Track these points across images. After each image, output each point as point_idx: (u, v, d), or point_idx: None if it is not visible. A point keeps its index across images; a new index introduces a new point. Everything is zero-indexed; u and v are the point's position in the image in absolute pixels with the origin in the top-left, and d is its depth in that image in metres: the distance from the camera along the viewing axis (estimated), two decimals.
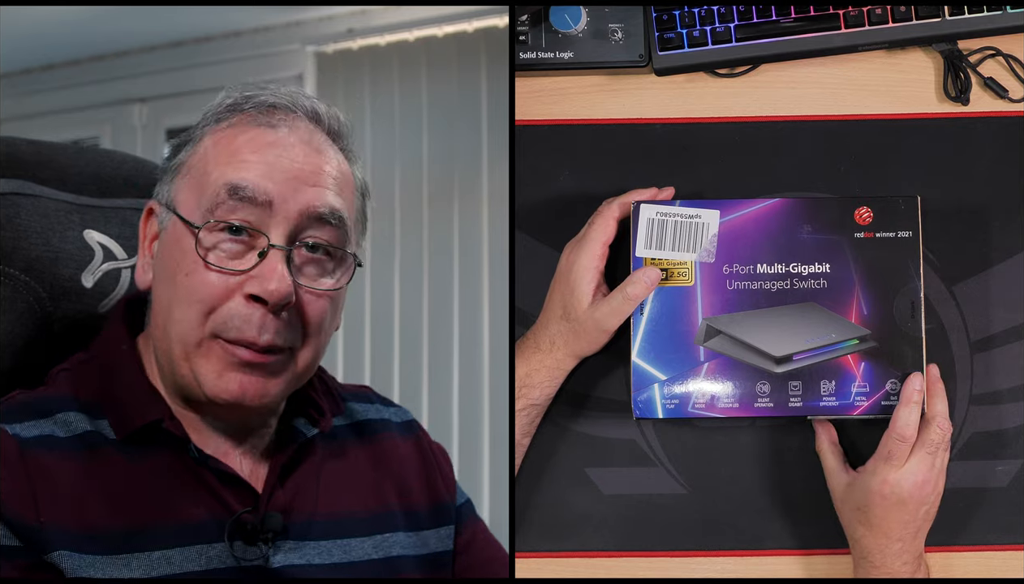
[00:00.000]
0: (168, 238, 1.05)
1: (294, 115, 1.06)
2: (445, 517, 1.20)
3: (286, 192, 1.02)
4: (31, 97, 4.10)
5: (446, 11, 3.20)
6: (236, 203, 1.01)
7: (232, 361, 1.02)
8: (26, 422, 1.02)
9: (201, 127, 1.07)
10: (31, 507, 0.97)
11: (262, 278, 1.01)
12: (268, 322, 1.02)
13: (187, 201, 1.04)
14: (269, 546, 1.04)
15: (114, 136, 3.99)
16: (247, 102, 1.06)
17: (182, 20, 3.55)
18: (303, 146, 1.05)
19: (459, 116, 3.19)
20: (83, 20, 3.49)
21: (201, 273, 1.01)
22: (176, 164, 1.07)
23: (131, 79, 3.92)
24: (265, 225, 1.02)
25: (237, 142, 1.04)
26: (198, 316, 1.01)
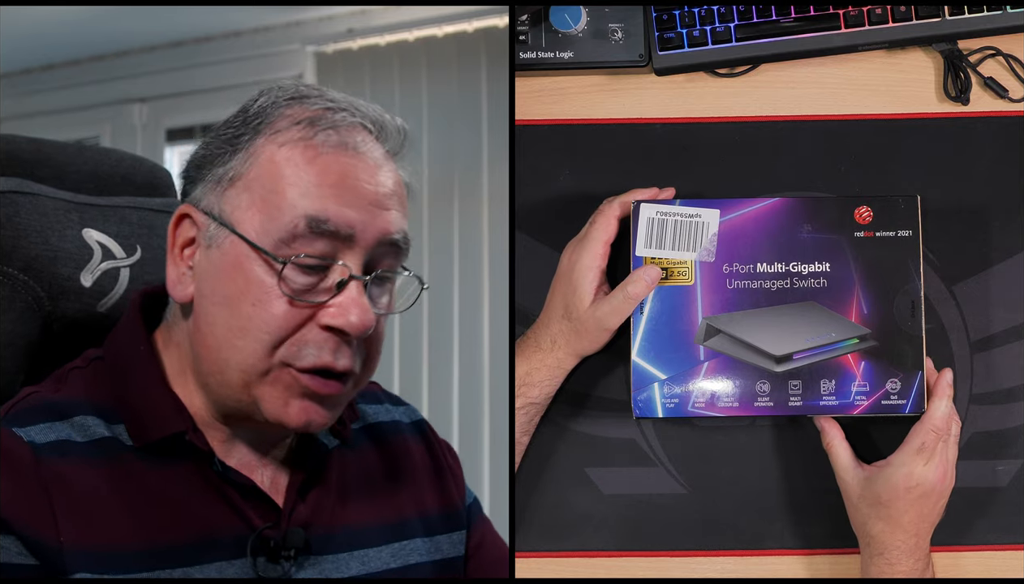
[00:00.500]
0: (225, 259, 0.98)
1: (363, 130, 1.01)
2: (457, 522, 1.19)
3: (365, 220, 0.98)
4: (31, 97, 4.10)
5: (446, 11, 3.20)
6: (316, 237, 0.97)
7: (300, 391, 0.98)
8: (41, 425, 0.97)
9: (255, 134, 1.00)
10: (50, 524, 0.93)
11: (342, 309, 0.97)
12: (344, 349, 0.98)
13: (250, 221, 0.98)
14: (292, 563, 1.02)
15: (114, 136, 3.99)
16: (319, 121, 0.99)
17: (182, 20, 3.55)
18: (374, 167, 1.00)
19: (459, 116, 3.19)
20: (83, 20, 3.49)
21: (274, 304, 0.96)
22: (227, 174, 1.00)
23: (131, 79, 3.92)
24: (342, 254, 0.98)
25: (310, 166, 0.98)
26: (266, 347, 0.97)
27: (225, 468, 1.01)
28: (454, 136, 3.19)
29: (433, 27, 3.25)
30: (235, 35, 3.68)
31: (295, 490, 1.05)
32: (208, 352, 0.99)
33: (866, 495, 1.25)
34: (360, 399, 1.18)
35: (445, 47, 3.23)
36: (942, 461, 1.24)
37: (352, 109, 1.01)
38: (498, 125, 3.10)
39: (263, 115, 1.01)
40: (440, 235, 3.20)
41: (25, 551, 0.92)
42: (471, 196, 3.17)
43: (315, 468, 1.08)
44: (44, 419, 0.98)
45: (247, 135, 1.00)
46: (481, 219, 3.15)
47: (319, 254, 0.97)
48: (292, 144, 0.99)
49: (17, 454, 0.95)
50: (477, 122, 3.17)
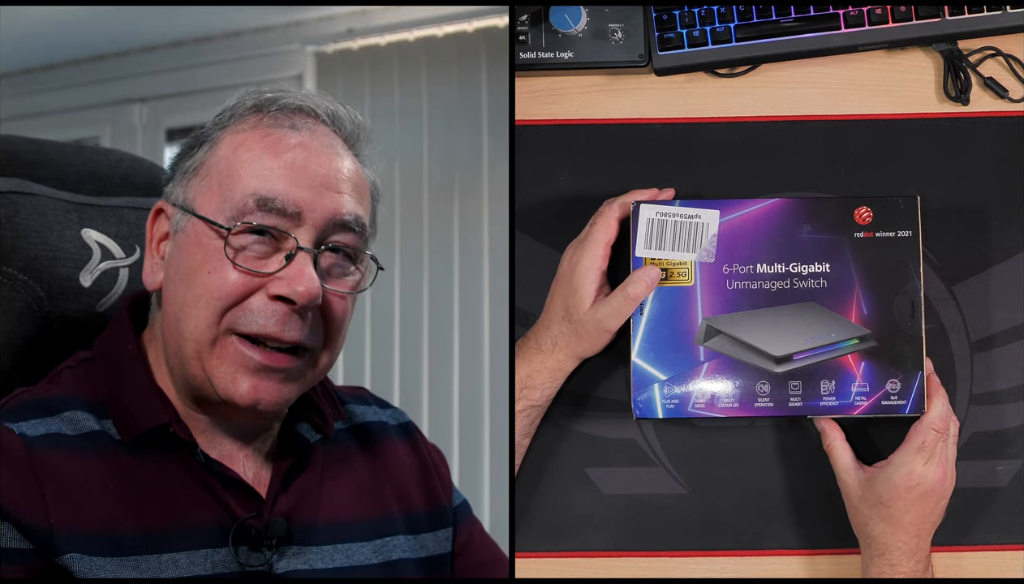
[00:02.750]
0: (187, 239, 1.04)
1: (315, 119, 1.07)
2: (443, 520, 1.20)
3: (313, 199, 1.03)
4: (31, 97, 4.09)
5: (446, 11, 3.20)
6: (264, 214, 1.02)
7: (246, 364, 1.01)
8: (32, 420, 1.01)
9: (218, 128, 1.07)
10: (40, 508, 0.96)
11: (290, 279, 1.01)
12: (293, 320, 1.02)
13: (208, 203, 1.03)
14: (273, 552, 1.04)
15: (114, 136, 3.99)
16: (270, 105, 1.06)
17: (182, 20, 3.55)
18: (326, 150, 1.05)
19: (459, 116, 3.19)
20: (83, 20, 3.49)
21: (225, 271, 1.01)
22: (192, 165, 1.06)
23: (131, 79, 3.92)
24: (292, 230, 1.02)
25: (261, 147, 1.04)
26: (214, 314, 1.01)
27: (208, 459, 1.04)
28: (454, 136, 3.19)
29: (433, 27, 3.25)
30: (235, 35, 3.68)
31: (278, 481, 1.07)
32: (169, 329, 1.04)
33: (867, 496, 1.25)
34: (348, 401, 1.21)
35: (445, 47, 3.23)
36: (942, 460, 1.24)
37: (303, 98, 1.07)
38: (498, 125, 3.10)
39: (227, 111, 1.07)
40: (440, 235, 3.19)
41: (20, 536, 0.95)
42: (471, 196, 3.17)
43: (298, 461, 1.10)
44: (35, 415, 1.02)
45: (213, 131, 1.07)
46: (481, 219, 3.15)
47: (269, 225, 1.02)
48: (246, 131, 1.05)
49: (9, 446, 0.98)
50: (477, 122, 3.16)
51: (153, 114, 3.97)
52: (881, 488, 1.24)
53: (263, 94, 1.07)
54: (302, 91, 1.09)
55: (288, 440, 1.11)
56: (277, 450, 1.10)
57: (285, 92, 1.08)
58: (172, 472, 1.03)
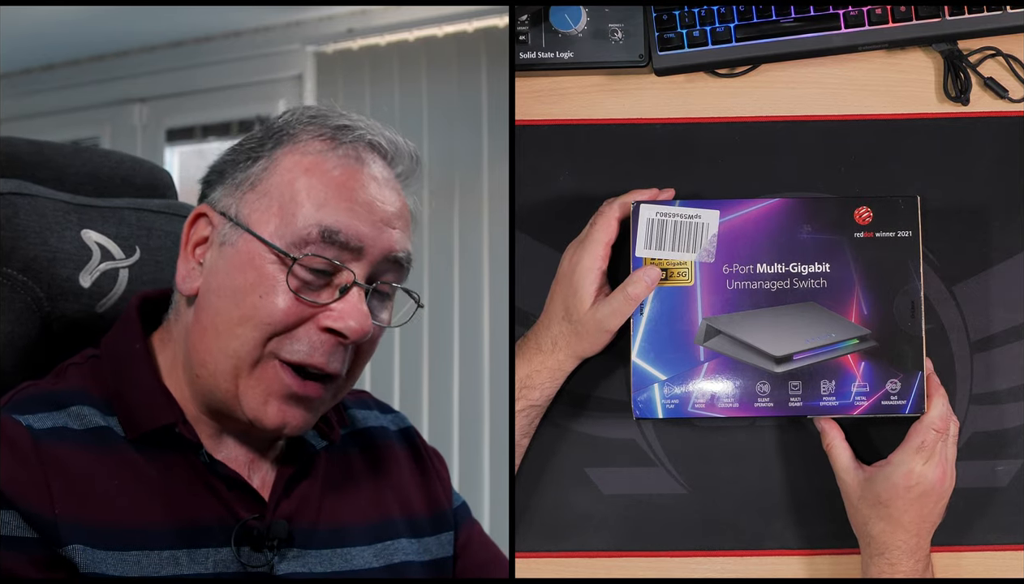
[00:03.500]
0: (238, 256, 1.03)
1: (377, 152, 1.07)
2: (444, 524, 1.21)
3: (374, 235, 1.03)
4: (31, 97, 4.10)
5: (446, 11, 3.20)
6: (327, 245, 1.02)
7: (281, 389, 1.02)
8: (39, 413, 1.01)
9: (276, 145, 1.05)
10: (46, 499, 0.97)
11: (343, 314, 1.01)
12: (338, 352, 1.03)
13: (265, 224, 1.03)
14: (274, 553, 1.05)
15: (114, 136, 3.99)
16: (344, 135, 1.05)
17: (182, 20, 3.55)
18: (386, 187, 1.06)
19: (459, 116, 3.19)
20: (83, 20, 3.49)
21: (277, 297, 1.01)
22: (246, 179, 1.05)
23: (131, 79, 3.92)
24: (349, 264, 1.03)
25: (328, 177, 1.03)
26: (261, 337, 1.01)
27: (213, 461, 1.05)
28: (454, 136, 3.19)
29: (433, 27, 3.25)
30: (235, 35, 3.68)
31: (281, 485, 1.08)
32: (205, 342, 1.03)
33: (866, 495, 1.25)
34: (350, 406, 1.21)
35: (445, 47, 3.23)
36: (941, 460, 1.24)
37: (369, 129, 1.07)
38: (498, 125, 3.10)
39: (286, 128, 1.06)
40: (440, 235, 3.19)
41: (24, 524, 0.96)
42: (471, 196, 3.17)
43: (301, 466, 1.10)
44: (42, 408, 1.02)
45: (269, 145, 1.06)
46: (481, 219, 3.15)
47: (330, 258, 1.02)
48: (312, 156, 1.04)
49: (16, 437, 0.99)
50: (477, 122, 3.16)
51: (153, 114, 3.97)
52: (880, 487, 1.24)
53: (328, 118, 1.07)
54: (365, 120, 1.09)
55: (294, 446, 1.12)
56: (283, 456, 1.11)
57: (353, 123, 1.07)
58: (176, 471, 1.04)
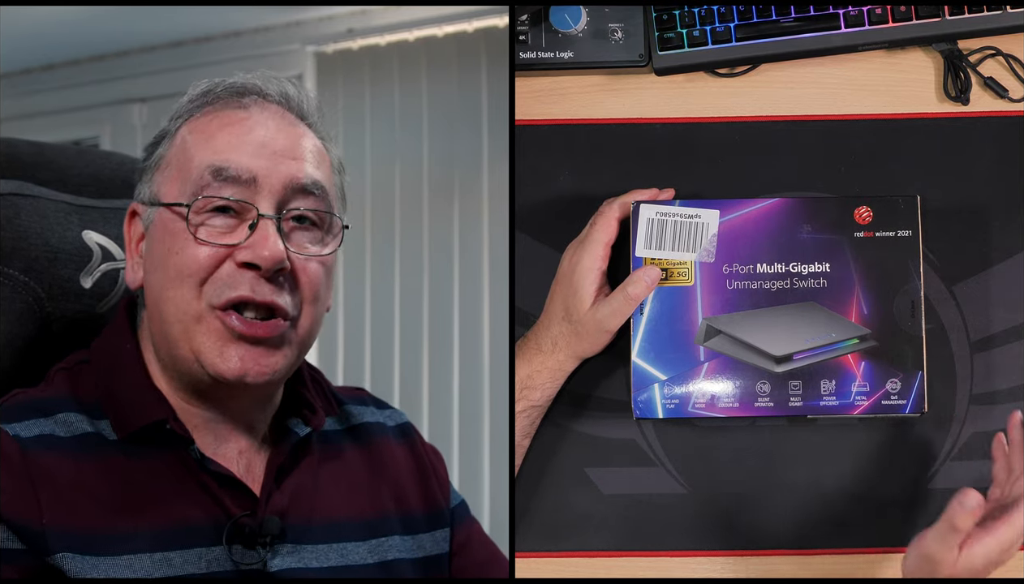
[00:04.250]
0: (156, 230, 1.06)
1: (264, 97, 1.10)
2: (440, 521, 1.20)
3: (268, 166, 1.05)
4: (31, 97, 4.09)
5: (446, 11, 3.20)
6: (221, 184, 1.03)
7: (230, 335, 1.02)
8: (26, 421, 1.01)
9: (174, 120, 1.09)
10: (34, 509, 0.96)
11: (255, 246, 1.02)
12: (262, 283, 1.03)
13: (170, 191, 1.05)
14: (268, 550, 1.04)
15: (114, 136, 3.99)
16: (216, 88, 1.09)
17: (182, 20, 3.55)
18: (276, 122, 1.08)
19: (459, 116, 3.19)
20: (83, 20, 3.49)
21: (192, 248, 1.02)
22: (154, 161, 1.09)
23: (131, 79, 3.92)
24: (252, 200, 1.04)
25: (212, 126, 1.06)
26: (191, 290, 1.02)
27: (203, 457, 1.04)
28: (454, 136, 3.19)
29: (433, 27, 3.25)
30: (235, 35, 3.68)
31: (271, 478, 1.07)
32: (155, 319, 1.05)
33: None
34: (346, 402, 1.21)
35: (445, 47, 3.23)
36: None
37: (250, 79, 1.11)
38: (498, 125, 3.10)
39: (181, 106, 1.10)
40: (440, 235, 3.19)
41: (12, 536, 0.96)
42: (471, 196, 3.17)
43: (291, 457, 1.10)
44: (29, 416, 1.02)
45: (170, 126, 1.10)
46: (481, 219, 3.15)
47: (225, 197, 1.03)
48: (198, 118, 1.08)
49: (4, 447, 0.99)
50: (477, 122, 3.16)
51: (153, 114, 3.96)
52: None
53: (211, 81, 1.11)
54: (252, 72, 1.12)
55: (279, 435, 1.11)
56: (269, 445, 1.10)
57: (233, 75, 1.11)
58: (167, 470, 1.03)
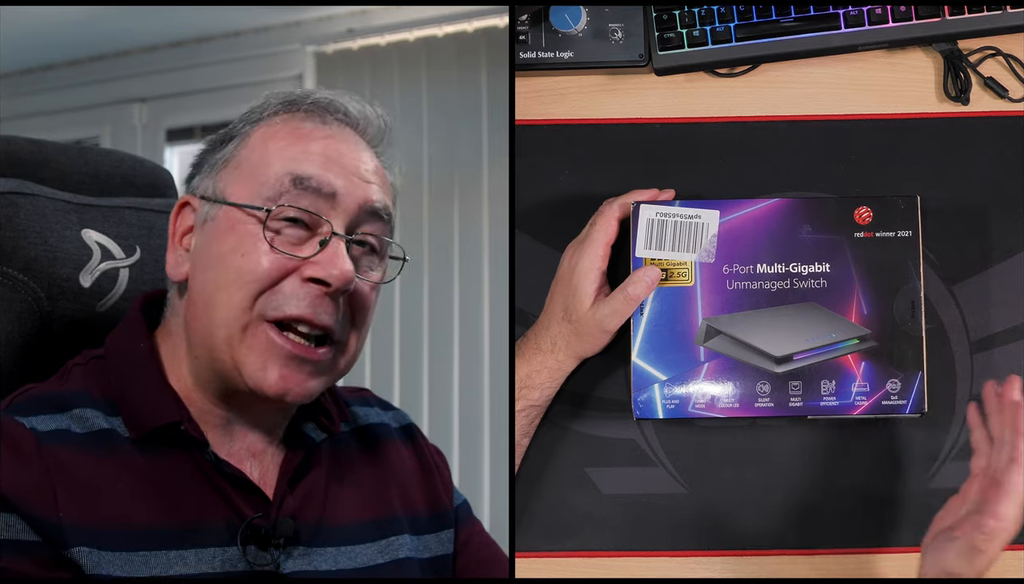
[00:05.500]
0: (217, 226, 1.05)
1: (343, 117, 1.09)
2: (444, 522, 1.20)
3: (346, 185, 1.05)
4: (31, 97, 4.10)
5: (446, 11, 3.20)
6: (300, 193, 1.03)
7: (277, 353, 1.02)
8: (42, 416, 1.01)
9: (249, 122, 1.08)
10: (50, 502, 0.96)
11: (326, 263, 1.02)
12: (325, 304, 1.03)
13: (240, 192, 1.05)
14: (281, 551, 1.04)
15: (114, 136, 3.99)
16: (303, 100, 1.08)
17: (182, 20, 3.55)
18: (353, 144, 1.08)
19: (459, 116, 3.19)
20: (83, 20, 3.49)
21: (259, 254, 1.02)
22: (222, 158, 1.07)
23: (131, 79, 3.92)
24: (328, 215, 1.04)
25: (293, 136, 1.06)
26: (247, 298, 1.01)
27: (217, 459, 1.04)
28: (454, 136, 3.19)
29: (433, 27, 3.25)
30: (235, 35, 3.68)
31: (284, 481, 1.07)
32: (197, 317, 1.04)
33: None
34: (351, 403, 1.21)
35: (445, 47, 3.23)
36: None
37: (333, 95, 1.10)
38: (498, 125, 3.10)
39: (256, 110, 1.09)
40: (440, 235, 3.20)
41: (28, 528, 0.95)
42: (471, 196, 3.17)
43: (304, 461, 1.10)
44: (45, 410, 1.02)
45: (242, 127, 1.08)
46: (481, 219, 3.15)
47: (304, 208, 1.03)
48: (279, 124, 1.07)
49: (20, 439, 0.98)
50: (477, 122, 3.16)
51: (153, 114, 3.97)
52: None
53: (292, 92, 1.10)
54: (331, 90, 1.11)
55: (294, 439, 1.11)
56: (284, 449, 1.10)
57: (315, 90, 1.10)
58: (181, 471, 1.03)
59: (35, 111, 4.05)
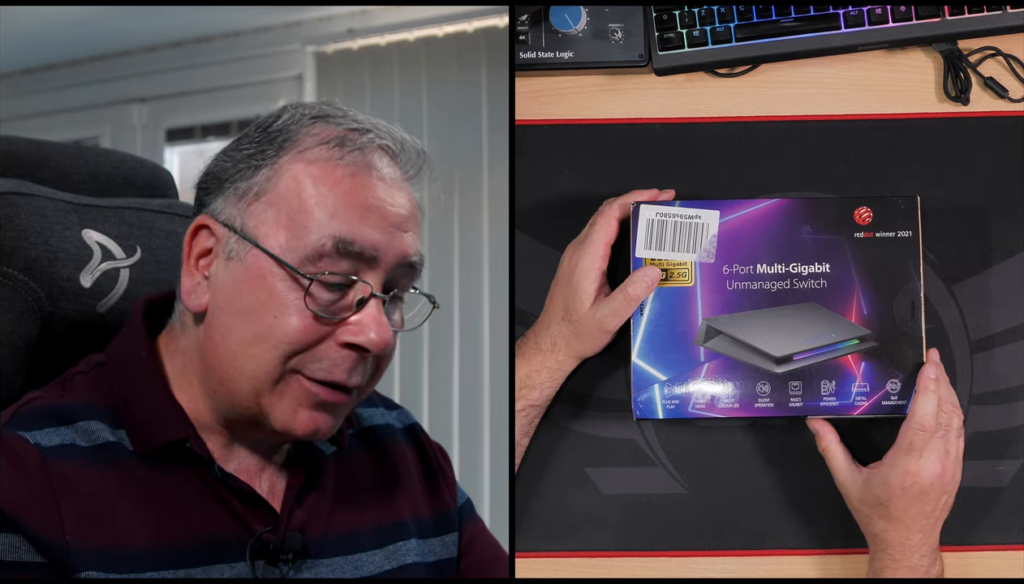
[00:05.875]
0: (248, 272, 0.99)
1: (386, 153, 1.03)
2: (449, 524, 1.20)
3: (387, 242, 1.00)
4: (31, 97, 4.10)
5: (446, 11, 3.20)
6: (341, 257, 0.99)
7: (310, 401, 1.00)
8: (46, 429, 0.99)
9: (281, 149, 1.01)
10: (55, 522, 0.94)
11: (363, 327, 0.99)
12: (359, 366, 1.01)
13: (274, 236, 0.99)
14: (290, 566, 1.03)
15: (114, 136, 3.99)
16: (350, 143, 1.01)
17: (182, 20, 3.55)
18: (395, 189, 1.03)
19: (459, 116, 3.19)
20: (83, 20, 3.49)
21: (293, 317, 0.98)
22: (250, 189, 1.01)
23: (131, 79, 3.92)
24: (363, 274, 1.00)
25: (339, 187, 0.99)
26: (281, 357, 0.98)
27: (224, 474, 1.03)
28: (454, 136, 3.19)
29: (433, 27, 3.25)
30: (235, 35, 3.68)
31: (292, 495, 1.06)
32: (220, 361, 1.00)
33: (865, 497, 1.25)
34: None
35: (445, 47, 3.23)
36: (939, 457, 1.22)
37: (376, 131, 1.03)
38: (498, 125, 3.10)
39: (287, 133, 1.02)
40: (440, 235, 3.20)
41: (32, 550, 0.93)
42: (471, 196, 3.17)
43: (312, 474, 1.09)
44: (49, 424, 1.00)
45: (271, 152, 1.01)
46: (481, 219, 3.15)
47: (343, 272, 0.99)
48: (319, 163, 1.00)
49: (24, 456, 0.96)
50: (477, 122, 3.17)
51: (153, 114, 3.97)
52: (878, 489, 1.24)
53: (331, 119, 1.03)
54: (365, 116, 1.05)
55: (303, 452, 1.10)
56: (292, 462, 1.09)
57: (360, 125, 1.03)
58: (188, 486, 1.01)
59: (35, 111, 4.05)
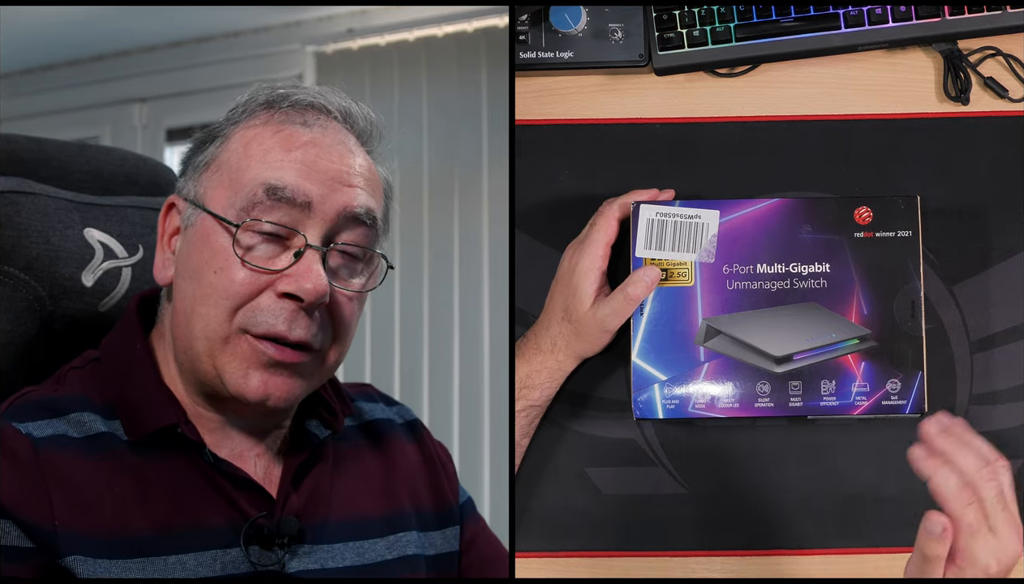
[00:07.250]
0: (196, 235, 1.03)
1: (327, 116, 1.06)
2: (450, 519, 1.20)
3: (324, 192, 1.02)
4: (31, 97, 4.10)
5: (446, 11, 3.20)
6: (273, 203, 1.01)
7: (259, 360, 1.01)
8: (39, 421, 1.00)
9: (230, 124, 1.06)
10: (46, 510, 0.96)
11: (298, 277, 1.00)
12: (299, 318, 1.01)
13: (218, 198, 1.03)
14: (285, 551, 1.04)
15: (114, 136, 3.99)
16: (283, 101, 1.05)
17: (182, 20, 3.55)
18: (338, 147, 1.05)
19: (459, 116, 3.19)
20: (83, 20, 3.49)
21: (233, 270, 1.00)
22: (204, 160, 1.05)
23: (131, 79, 3.92)
24: (301, 225, 1.01)
25: (272, 140, 1.03)
26: (225, 312, 1.00)
27: (217, 459, 1.04)
28: (454, 136, 3.19)
29: (433, 27, 3.25)
30: (235, 35, 3.68)
31: (288, 480, 1.07)
32: (179, 326, 1.03)
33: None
34: (355, 398, 1.21)
35: (445, 47, 3.23)
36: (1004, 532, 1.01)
37: (316, 95, 1.07)
38: (498, 125, 3.10)
39: (240, 107, 1.07)
40: (440, 235, 3.20)
41: (22, 535, 0.95)
42: (471, 196, 3.17)
43: (308, 458, 1.09)
44: (42, 415, 1.01)
45: (224, 127, 1.06)
46: (481, 219, 3.15)
47: (277, 221, 1.01)
48: (259, 126, 1.05)
49: (16, 446, 0.98)
50: (477, 122, 3.17)
51: (153, 114, 3.97)
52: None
53: (275, 90, 1.07)
54: (315, 87, 1.08)
55: (298, 437, 1.11)
56: (288, 447, 1.10)
57: (297, 88, 1.07)
58: (181, 473, 1.03)
59: (35, 111, 4.05)
